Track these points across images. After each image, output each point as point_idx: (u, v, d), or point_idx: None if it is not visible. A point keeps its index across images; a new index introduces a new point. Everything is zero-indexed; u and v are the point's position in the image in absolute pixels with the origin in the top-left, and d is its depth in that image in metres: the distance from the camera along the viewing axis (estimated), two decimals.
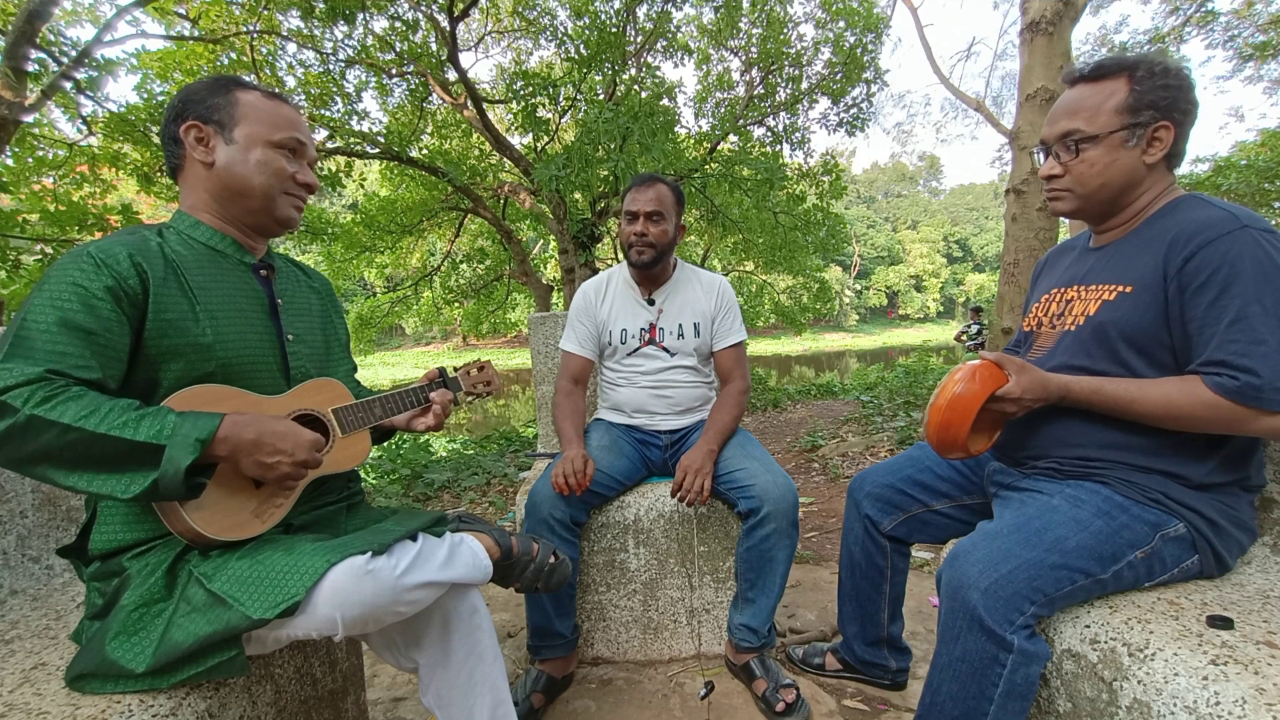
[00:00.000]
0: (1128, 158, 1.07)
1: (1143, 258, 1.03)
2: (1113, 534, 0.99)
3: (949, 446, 1.13)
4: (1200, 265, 0.95)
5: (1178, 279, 0.97)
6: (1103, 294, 1.08)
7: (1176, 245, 0.98)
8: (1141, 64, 1.05)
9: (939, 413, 1.10)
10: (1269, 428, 0.93)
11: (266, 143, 1.03)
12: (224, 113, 1.01)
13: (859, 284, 50.01)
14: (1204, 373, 0.95)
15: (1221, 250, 0.94)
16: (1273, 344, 0.90)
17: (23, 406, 0.77)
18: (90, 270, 0.87)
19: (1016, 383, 1.06)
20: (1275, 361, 0.90)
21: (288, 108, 1.07)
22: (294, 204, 1.08)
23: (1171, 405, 0.97)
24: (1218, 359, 0.93)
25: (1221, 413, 0.93)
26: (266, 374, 1.03)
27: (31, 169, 5.92)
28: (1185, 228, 0.98)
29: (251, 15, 6.22)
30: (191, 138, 1.00)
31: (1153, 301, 1.00)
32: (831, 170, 9.73)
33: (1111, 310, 1.05)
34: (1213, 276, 0.94)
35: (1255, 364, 0.90)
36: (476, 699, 1.03)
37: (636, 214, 1.70)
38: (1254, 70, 9.67)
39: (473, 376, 1.38)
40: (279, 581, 0.84)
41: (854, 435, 5.11)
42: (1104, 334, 1.06)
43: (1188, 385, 0.96)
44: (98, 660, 0.85)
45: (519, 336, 29.57)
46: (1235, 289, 0.92)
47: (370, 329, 11.17)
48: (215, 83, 1.03)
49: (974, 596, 0.97)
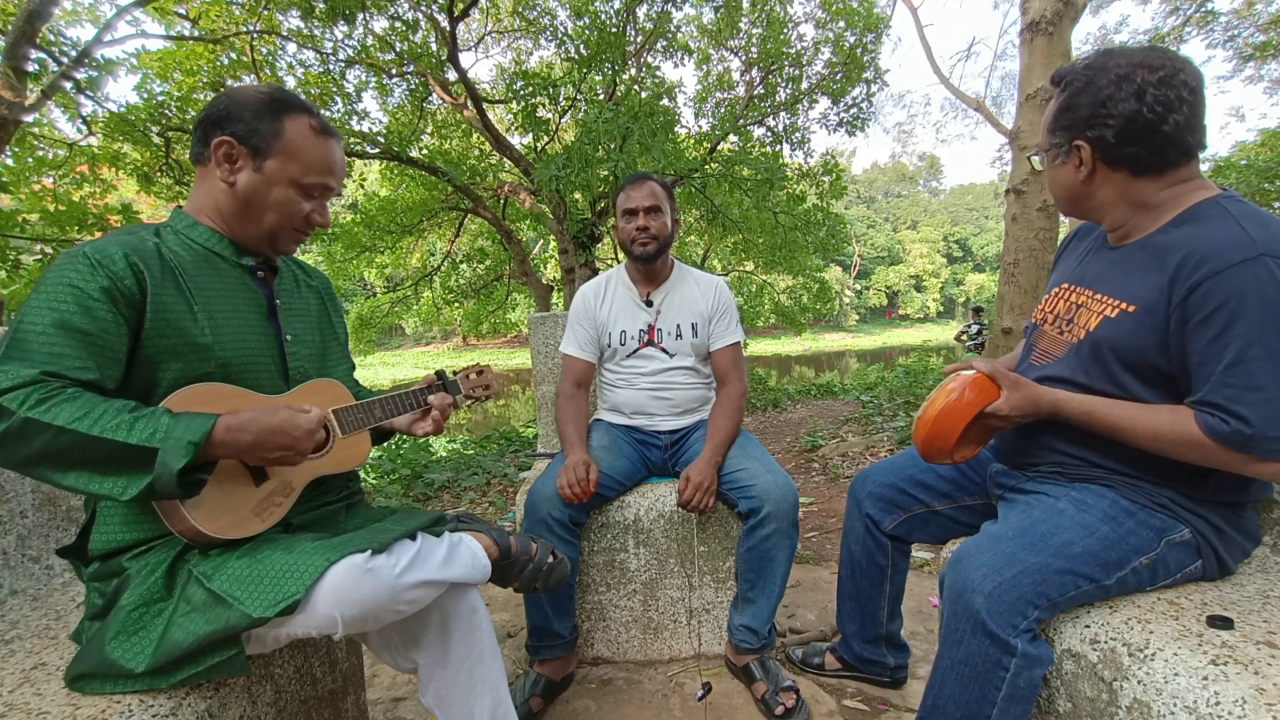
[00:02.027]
0: (1063, 174, 1.06)
1: (1150, 275, 0.97)
2: (1119, 539, 0.98)
3: (935, 456, 1.14)
4: (1205, 297, 0.89)
5: (1181, 308, 0.92)
6: (1106, 308, 1.04)
7: (1184, 270, 0.92)
8: (1069, 76, 1.02)
9: (927, 425, 1.10)
10: (1258, 472, 0.91)
11: (293, 183, 1.01)
12: (263, 140, 0.98)
13: (859, 284, 49.99)
14: (1196, 409, 0.92)
15: (1229, 283, 0.87)
16: (1270, 391, 0.86)
17: (18, 409, 0.77)
18: (86, 271, 0.86)
19: (1006, 399, 1.05)
20: (1269, 410, 0.86)
21: (332, 147, 1.05)
22: (297, 238, 1.08)
23: (1161, 439, 0.95)
24: (1213, 401, 0.90)
25: (1209, 454, 0.91)
26: (265, 374, 1.03)
27: (31, 169, 5.92)
28: (1197, 249, 0.91)
29: (251, 15, 6.21)
30: (221, 153, 0.98)
31: (1154, 325, 0.96)
32: (831, 170, 9.72)
33: (1111, 328, 1.02)
34: (1217, 311, 0.88)
35: (1248, 412, 0.86)
36: (476, 699, 1.03)
37: (635, 210, 1.72)
38: (1254, 70, 9.67)
39: (471, 380, 1.39)
40: (278, 580, 0.84)
41: (854, 435, 5.11)
42: (1100, 353, 1.03)
43: (1179, 419, 0.93)
44: (97, 660, 0.84)
45: (519, 336, 29.56)
46: (1238, 329, 0.87)
47: (370, 329, 11.17)
48: (269, 104, 1.00)
49: (977, 600, 0.96)
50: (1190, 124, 0.95)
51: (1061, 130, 1.04)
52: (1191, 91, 0.94)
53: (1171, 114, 0.94)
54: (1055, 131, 1.05)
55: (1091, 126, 0.99)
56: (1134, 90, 0.94)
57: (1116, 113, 0.96)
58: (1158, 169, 0.99)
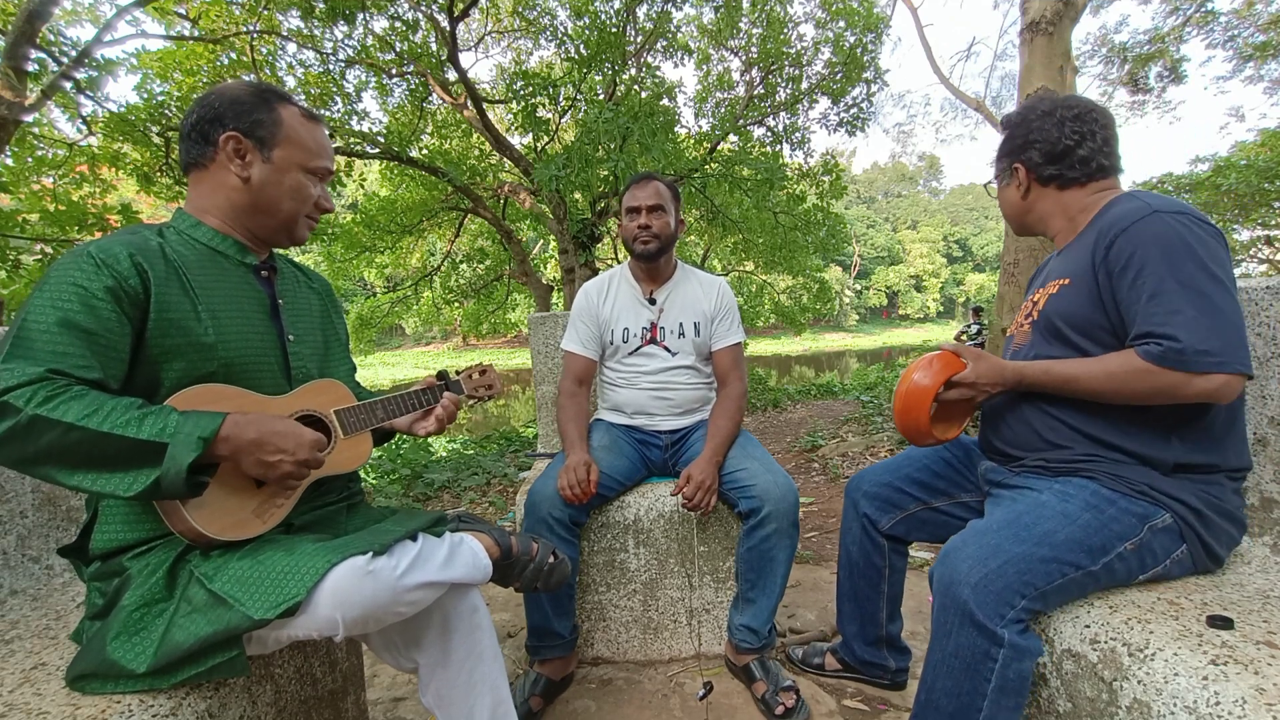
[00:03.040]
0: (1008, 194, 1.31)
1: (1080, 253, 1.14)
2: (1101, 526, 1.02)
3: (915, 433, 1.22)
4: (1119, 252, 1.05)
5: (1104, 266, 1.07)
6: (1050, 289, 1.19)
7: (1101, 238, 1.09)
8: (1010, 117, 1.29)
9: (899, 401, 1.21)
10: (1201, 390, 0.97)
11: (302, 168, 1.05)
12: (267, 130, 1.01)
13: (859, 284, 50.01)
14: (1135, 345, 1.02)
15: (1133, 236, 1.04)
16: (1189, 313, 0.97)
17: (25, 406, 0.77)
18: (90, 270, 0.86)
19: (972, 369, 1.17)
20: (1193, 327, 0.96)
21: (321, 130, 1.10)
22: (310, 225, 1.12)
23: (1113, 377, 1.04)
24: (1143, 331, 1.01)
25: (1155, 379, 0.99)
26: (268, 374, 1.03)
27: (31, 169, 5.92)
28: (1107, 221, 1.10)
29: (251, 15, 6.22)
30: (230, 149, 1.00)
31: (1087, 290, 1.11)
32: (831, 170, 9.73)
33: (1055, 302, 1.16)
34: (1130, 261, 1.03)
35: (1174, 330, 0.97)
36: (477, 699, 1.03)
37: (638, 208, 1.73)
38: (1254, 70, 9.67)
39: (474, 380, 1.38)
40: (280, 582, 0.84)
41: (854, 435, 5.11)
42: (1052, 324, 1.16)
43: (1124, 358, 1.03)
44: (98, 660, 0.84)
45: (519, 336, 29.58)
46: (1149, 269, 1.01)
47: (370, 329, 11.17)
48: (260, 95, 1.03)
49: (965, 592, 0.99)
50: (1104, 149, 1.18)
51: (1004, 156, 1.29)
52: (1102, 126, 1.18)
53: (1085, 141, 1.17)
54: (1000, 159, 1.31)
55: (1024, 151, 1.23)
56: (1055, 122, 1.19)
57: (1041, 139, 1.20)
58: (1080, 182, 1.20)
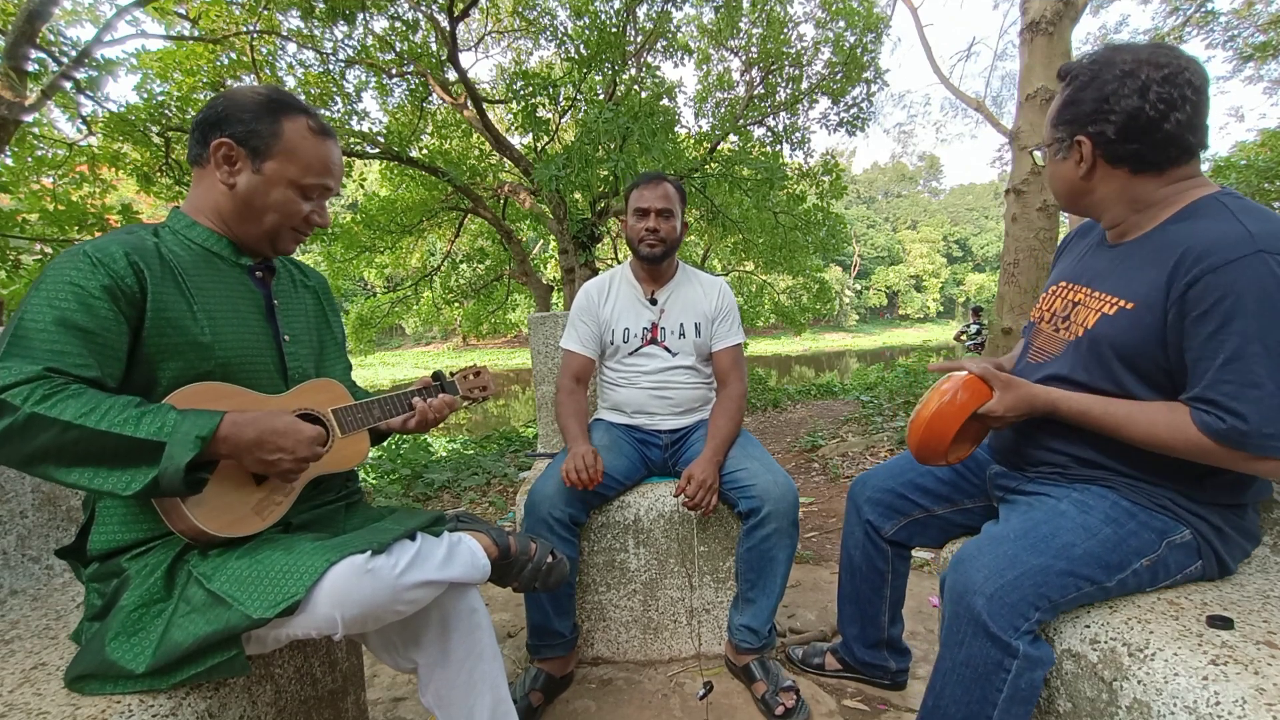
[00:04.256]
0: (1063, 170, 1.06)
1: (1149, 271, 0.96)
2: (1120, 541, 0.98)
3: (930, 458, 1.14)
4: (1203, 293, 0.88)
5: (1179, 304, 0.91)
6: (1104, 305, 1.02)
7: (1182, 266, 0.91)
8: (1075, 70, 1.02)
9: (921, 427, 1.10)
10: (1255, 470, 0.90)
11: (292, 183, 1.01)
12: (262, 141, 0.98)
13: (859, 284, 49.98)
14: (1193, 407, 0.91)
15: (1228, 279, 0.86)
16: (1269, 388, 0.85)
17: (22, 405, 0.77)
18: (87, 269, 0.86)
19: (999, 400, 1.05)
20: (1267, 407, 0.85)
21: (330, 147, 1.05)
22: (297, 238, 1.08)
23: (1157, 436, 0.94)
24: (1209, 397, 0.89)
25: (1205, 451, 0.90)
26: (264, 374, 1.03)
27: (31, 169, 5.92)
28: (1195, 245, 0.90)
29: (251, 15, 6.22)
30: (220, 155, 0.98)
31: (1153, 323, 0.95)
32: (831, 170, 9.73)
33: (1109, 325, 1.01)
34: (1215, 307, 0.87)
35: (1245, 409, 0.86)
36: (476, 698, 1.03)
37: (646, 210, 1.73)
38: (1254, 70, 9.66)
39: (469, 382, 1.40)
40: (278, 581, 0.84)
41: (854, 435, 5.11)
42: (1099, 350, 1.02)
43: (1175, 417, 0.92)
44: (97, 661, 0.84)
45: (519, 336, 29.55)
46: (1236, 325, 0.86)
47: (370, 329, 11.17)
48: (267, 105, 1.00)
49: (979, 602, 0.96)
50: (1192, 123, 0.94)
51: (1064, 125, 1.03)
52: (1195, 91, 0.93)
53: (1174, 112, 0.93)
54: (1058, 126, 1.04)
55: (1094, 122, 0.98)
56: (1138, 87, 0.93)
57: (1119, 109, 0.95)
58: (1158, 167, 0.98)
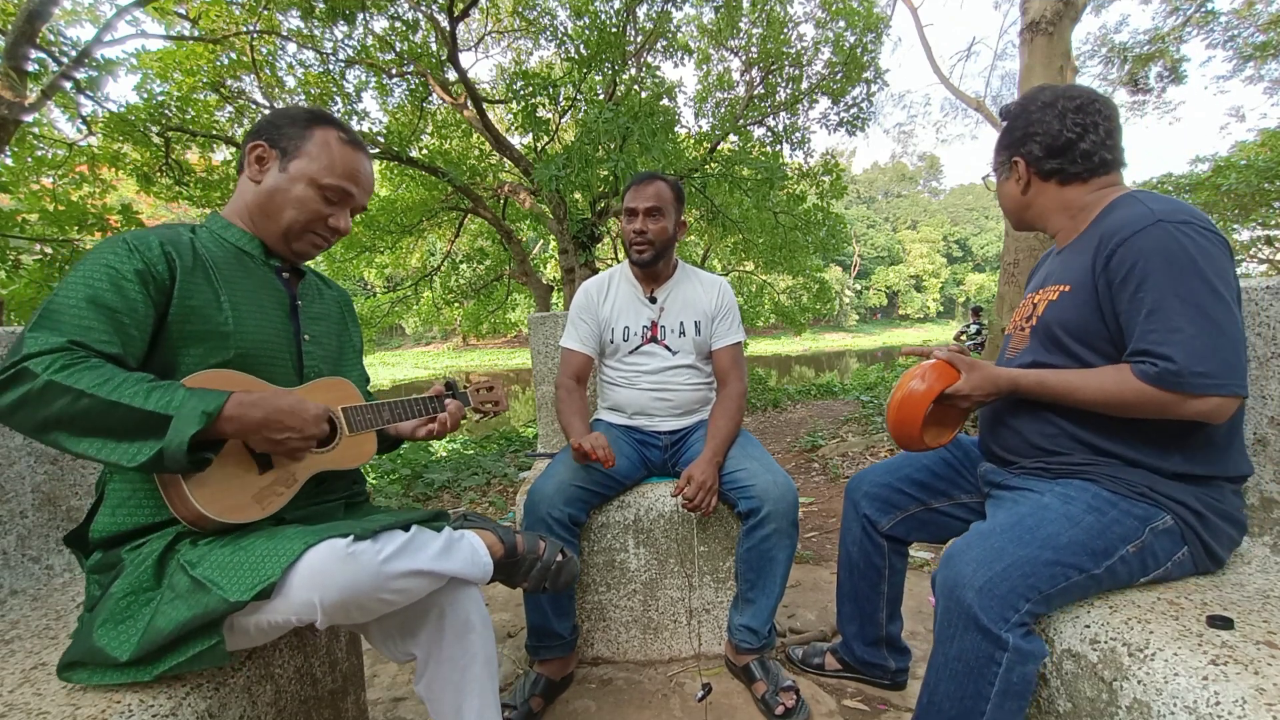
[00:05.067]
0: (1007, 188, 1.26)
1: (1080, 258, 1.11)
2: (1104, 529, 1.01)
3: (907, 441, 1.22)
4: (1120, 262, 1.02)
5: (1104, 275, 1.04)
6: (1049, 294, 1.16)
7: (1102, 245, 1.06)
8: (1010, 107, 1.24)
9: (893, 410, 1.20)
10: (1197, 411, 0.96)
11: (313, 182, 1.06)
12: (292, 143, 1.06)
13: (859, 284, 50.00)
14: (1131, 362, 1.01)
15: (1136, 246, 1.00)
16: (1188, 331, 0.94)
17: (42, 373, 0.80)
18: (124, 253, 0.92)
19: (966, 380, 1.16)
20: (1191, 348, 0.94)
21: (357, 156, 1.10)
22: (315, 242, 1.12)
23: (1107, 393, 1.02)
24: (1140, 348, 0.99)
25: (1150, 398, 0.98)
26: (281, 368, 1.06)
27: (31, 169, 5.93)
28: (1109, 227, 1.06)
29: (251, 15, 6.22)
30: (254, 155, 1.06)
31: (1087, 298, 1.08)
32: (831, 170, 9.73)
33: (1054, 309, 1.14)
34: (1131, 272, 1.00)
35: (1171, 351, 0.95)
36: (464, 699, 1.02)
37: (635, 211, 1.71)
38: (1254, 70, 9.67)
39: (481, 395, 1.41)
40: (257, 565, 0.85)
41: (854, 435, 5.11)
42: (1052, 332, 1.14)
43: (1120, 374, 1.01)
44: (85, 648, 0.85)
45: (519, 336, 29.59)
46: (1150, 282, 0.98)
47: (370, 329, 11.16)
48: (305, 114, 1.08)
49: (969, 595, 0.98)
50: (1106, 142, 1.13)
51: (1003, 149, 1.24)
52: (1105, 117, 1.13)
53: (1088, 134, 1.12)
54: (1000, 151, 1.26)
55: (1024, 144, 1.19)
56: (1056, 114, 1.14)
57: (1042, 131, 1.16)
58: (1081, 178, 1.16)
